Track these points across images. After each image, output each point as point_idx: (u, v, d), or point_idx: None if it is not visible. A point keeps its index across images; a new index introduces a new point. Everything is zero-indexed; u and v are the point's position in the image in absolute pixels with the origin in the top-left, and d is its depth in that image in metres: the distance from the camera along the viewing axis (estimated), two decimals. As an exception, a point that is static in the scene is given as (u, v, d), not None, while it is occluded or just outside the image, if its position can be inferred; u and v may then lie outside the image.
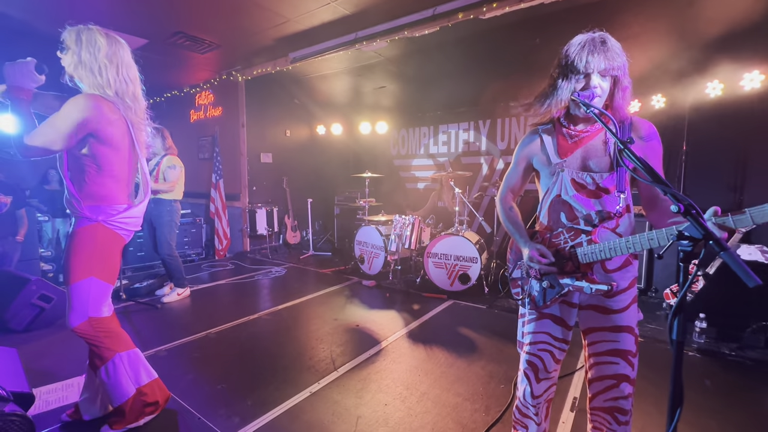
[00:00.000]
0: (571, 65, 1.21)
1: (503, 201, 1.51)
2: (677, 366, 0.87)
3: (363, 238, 4.72)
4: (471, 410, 2.01)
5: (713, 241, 0.79)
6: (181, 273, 3.89)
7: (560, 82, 1.25)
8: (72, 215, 1.69)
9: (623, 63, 1.21)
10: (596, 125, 1.29)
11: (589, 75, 1.21)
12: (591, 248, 1.23)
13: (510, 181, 1.50)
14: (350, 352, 2.68)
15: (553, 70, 1.29)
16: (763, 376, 2.38)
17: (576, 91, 1.23)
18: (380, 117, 6.48)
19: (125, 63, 1.73)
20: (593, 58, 1.18)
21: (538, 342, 1.40)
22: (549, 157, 1.36)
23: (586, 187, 1.29)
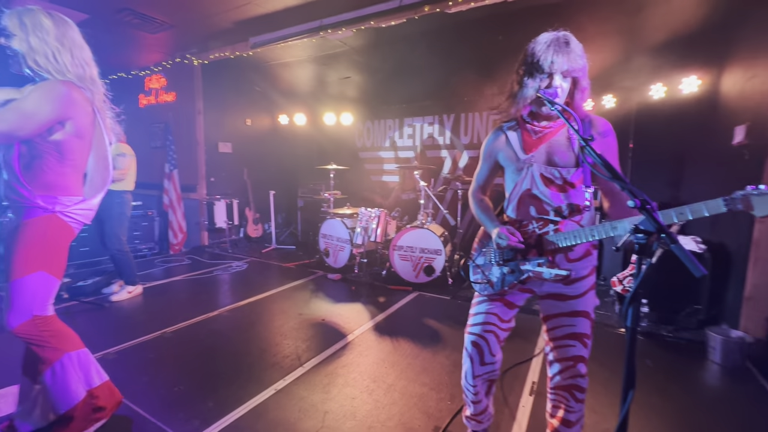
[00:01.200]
0: (537, 64, 1.24)
1: (474, 195, 1.57)
2: (631, 351, 0.92)
3: (328, 231, 4.65)
4: (437, 399, 2.05)
5: (665, 234, 0.85)
6: (132, 269, 3.64)
7: (526, 79, 1.28)
8: (14, 205, 1.54)
9: (584, 65, 1.27)
10: (558, 121, 1.34)
11: (552, 75, 1.25)
12: (557, 235, 1.29)
13: (479, 178, 1.56)
14: (316, 346, 2.64)
15: (519, 67, 1.32)
16: (695, 353, 2.63)
17: (541, 89, 1.26)
18: (345, 108, 6.38)
19: (78, 44, 1.60)
20: (558, 59, 1.22)
21: (485, 323, 1.46)
22: (516, 153, 1.40)
23: (555, 182, 1.34)
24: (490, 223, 1.45)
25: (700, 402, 2.12)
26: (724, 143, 3.05)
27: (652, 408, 2.02)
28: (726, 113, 3.26)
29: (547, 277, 1.31)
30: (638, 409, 1.98)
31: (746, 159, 2.68)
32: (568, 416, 1.48)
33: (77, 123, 1.54)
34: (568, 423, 1.49)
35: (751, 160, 2.61)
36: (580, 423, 1.50)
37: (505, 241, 1.34)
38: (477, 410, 1.57)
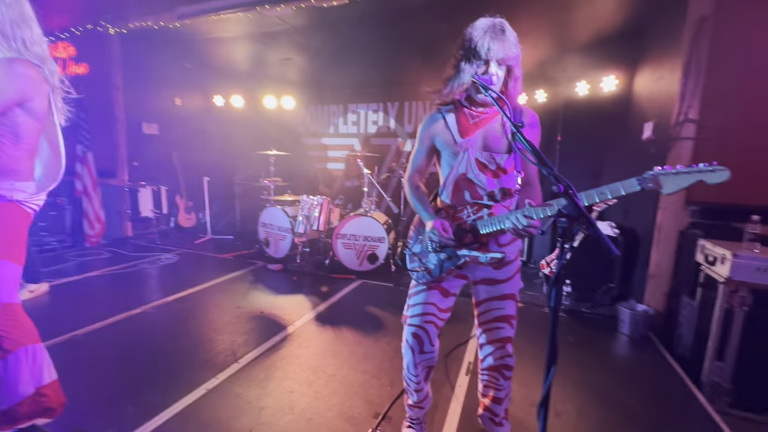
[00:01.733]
0: (474, 50, 1.25)
1: (410, 181, 1.53)
2: (553, 329, 0.97)
3: (268, 219, 4.45)
4: (377, 386, 2.06)
5: (585, 218, 0.89)
6: (35, 265, 3.17)
7: (463, 64, 1.28)
8: None
9: (518, 54, 1.29)
10: (495, 108, 1.36)
11: (488, 62, 1.26)
12: (491, 220, 1.32)
13: (416, 161, 1.51)
14: (254, 341, 2.51)
15: (457, 51, 1.31)
16: (609, 327, 2.93)
17: (477, 74, 1.27)
18: (286, 91, 6.10)
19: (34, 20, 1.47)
20: (494, 46, 1.23)
21: (424, 314, 1.46)
22: (453, 136, 1.40)
23: (489, 167, 1.37)
24: (425, 213, 1.43)
25: (610, 370, 2.37)
26: (635, 138, 3.39)
27: (570, 378, 2.21)
28: (638, 111, 3.62)
29: (483, 261, 1.34)
30: (559, 380, 2.16)
31: (652, 153, 3.00)
32: (498, 394, 1.57)
33: (35, 104, 1.45)
34: (498, 400, 1.58)
35: (656, 155, 2.92)
36: (508, 398, 1.60)
37: (437, 237, 1.34)
38: (420, 397, 1.59)
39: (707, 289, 2.28)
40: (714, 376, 2.12)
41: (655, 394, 2.12)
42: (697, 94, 2.60)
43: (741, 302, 2.03)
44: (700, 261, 2.37)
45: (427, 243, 1.47)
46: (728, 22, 2.51)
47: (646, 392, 2.13)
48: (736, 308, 2.05)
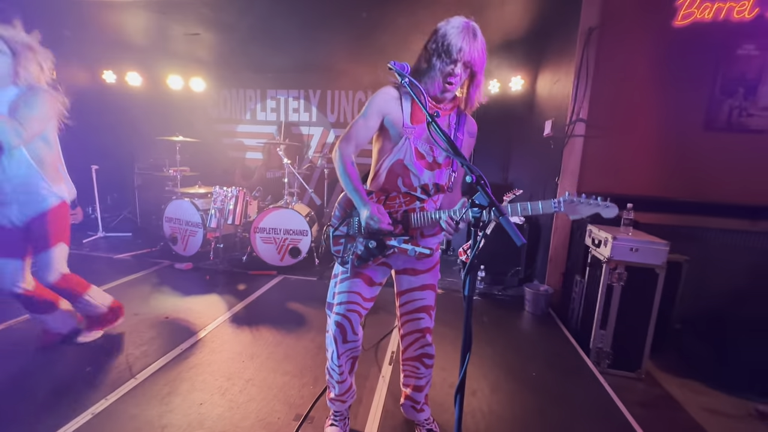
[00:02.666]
0: (446, 48, 1.23)
1: (344, 153, 1.38)
2: (468, 317, 0.99)
3: (174, 213, 3.99)
4: (299, 386, 1.97)
5: (495, 208, 0.92)
6: None
7: (435, 60, 1.26)
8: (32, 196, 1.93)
9: (484, 62, 1.30)
10: (448, 106, 1.38)
11: (457, 62, 1.25)
12: (423, 214, 1.33)
13: (358, 133, 1.38)
14: (155, 351, 2.22)
15: (429, 45, 1.28)
16: (517, 306, 3.22)
17: (445, 72, 1.26)
18: (196, 72, 5.50)
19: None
20: (465, 47, 1.23)
21: (349, 302, 1.43)
22: (404, 119, 1.35)
23: (425, 158, 1.37)
24: (360, 199, 1.33)
25: (518, 346, 2.60)
26: (538, 135, 3.74)
27: (485, 357, 2.37)
28: (540, 110, 3.99)
29: (411, 254, 1.33)
30: (475, 360, 2.31)
31: (552, 148, 3.34)
32: (419, 382, 1.60)
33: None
34: (418, 388, 1.62)
35: (555, 150, 3.25)
36: (428, 385, 1.64)
37: (377, 224, 1.28)
38: (342, 390, 1.55)
39: (594, 268, 2.61)
40: (598, 343, 2.45)
41: (553, 363, 2.37)
42: (587, 97, 2.93)
43: (619, 278, 2.36)
44: (589, 244, 2.70)
45: (354, 227, 1.42)
46: (611, 33, 2.86)
47: (547, 362, 2.38)
48: (615, 284, 2.38)
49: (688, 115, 2.81)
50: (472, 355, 2.34)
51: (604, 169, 2.99)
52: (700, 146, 2.81)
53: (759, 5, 2.59)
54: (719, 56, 2.71)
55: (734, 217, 2.75)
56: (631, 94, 2.89)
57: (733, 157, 2.76)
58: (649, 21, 2.79)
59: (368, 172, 1.50)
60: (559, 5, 3.39)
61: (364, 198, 1.33)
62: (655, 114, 2.87)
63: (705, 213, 2.79)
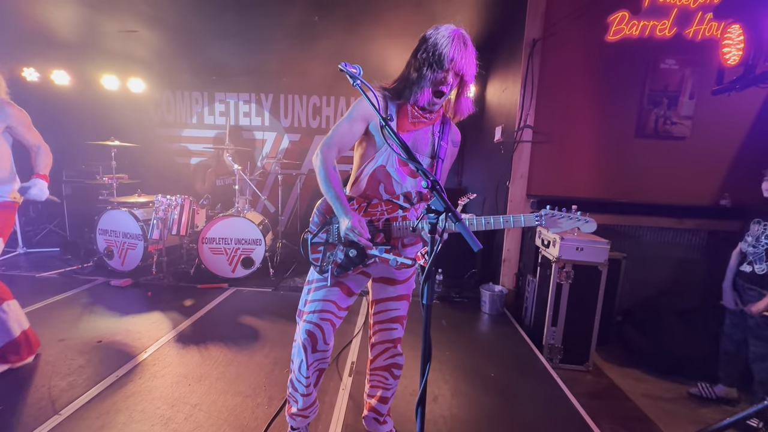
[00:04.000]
0: (438, 57, 1.20)
1: (327, 158, 1.31)
2: (427, 326, 0.97)
3: (110, 225, 3.64)
4: (252, 407, 1.84)
5: (451, 213, 0.90)
6: None
7: (425, 70, 1.22)
8: None
9: (475, 71, 1.29)
10: (434, 115, 1.34)
11: (449, 71, 1.22)
12: (405, 224, 1.31)
13: (342, 138, 1.32)
14: (84, 381, 1.98)
15: (419, 54, 1.24)
16: (474, 308, 3.28)
17: (436, 82, 1.23)
18: (134, 72, 5.10)
19: None
20: (457, 57, 1.20)
21: (323, 311, 1.37)
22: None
23: (408, 165, 1.31)
24: (342, 207, 1.27)
25: (476, 347, 2.64)
26: (489, 140, 3.87)
27: (445, 361, 2.38)
28: (490, 116, 4.15)
29: (392, 265, 1.27)
30: (436, 365, 2.31)
31: (502, 153, 3.47)
32: (386, 393, 1.56)
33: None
34: (384, 399, 1.57)
35: (505, 155, 3.38)
36: (393, 396, 1.60)
37: (356, 238, 1.22)
38: (306, 403, 1.46)
39: (544, 268, 2.73)
40: (550, 339, 2.56)
41: (510, 362, 2.44)
42: (533, 105, 3.08)
43: (567, 276, 2.49)
44: (539, 245, 2.82)
45: (334, 234, 1.37)
46: (552, 45, 3.04)
47: (504, 361, 2.44)
48: (564, 282, 2.50)
49: (622, 123, 3.04)
50: (433, 361, 2.33)
51: (550, 172, 3.15)
52: (632, 152, 3.05)
53: (677, 24, 2.88)
54: (646, 70, 2.97)
55: (664, 216, 3.01)
56: (572, 102, 3.08)
57: (660, 161, 3.03)
58: (585, 35, 3.00)
59: (348, 176, 1.45)
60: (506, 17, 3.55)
61: (346, 207, 1.27)
62: (593, 121, 3.07)
63: (639, 213, 3.03)
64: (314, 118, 5.25)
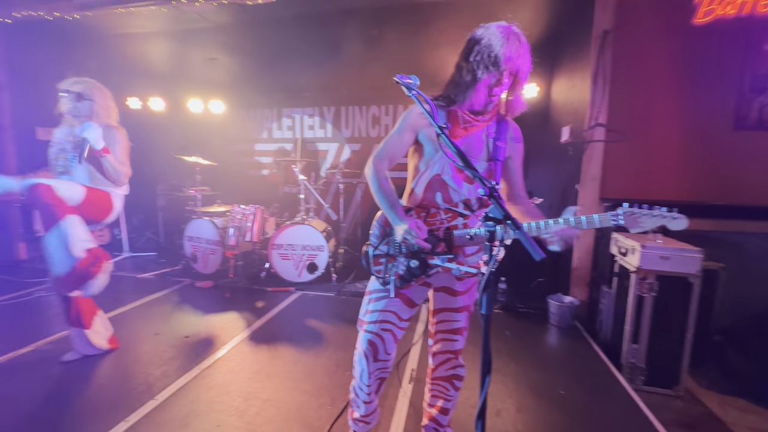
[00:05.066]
0: (494, 59, 1.16)
1: (379, 170, 1.32)
2: (486, 337, 0.94)
3: (195, 233, 4.07)
4: (317, 406, 1.93)
5: (510, 221, 0.87)
6: None
7: (480, 73, 1.20)
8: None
9: (530, 67, 1.25)
10: (486, 116, 1.30)
11: (504, 71, 1.19)
12: (466, 232, 1.27)
13: (392, 149, 1.34)
14: (175, 371, 2.23)
15: (472, 56, 1.20)
16: (541, 319, 3.09)
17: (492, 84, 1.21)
18: (215, 95, 5.69)
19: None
20: (514, 56, 1.17)
21: (383, 321, 1.37)
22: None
23: (464, 171, 1.25)
24: (396, 214, 1.26)
25: (543, 361, 2.48)
26: (556, 141, 3.65)
27: (510, 374, 2.27)
28: (556, 116, 3.91)
29: (456, 274, 1.27)
30: (499, 378, 2.21)
31: (570, 155, 3.24)
32: (446, 405, 1.54)
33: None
34: (445, 411, 1.55)
35: (574, 156, 3.16)
36: (452, 411, 1.57)
37: (414, 239, 1.20)
38: (368, 411, 1.50)
39: (622, 278, 2.49)
40: (631, 358, 2.31)
41: (582, 380, 2.25)
42: (605, 101, 2.85)
43: (649, 288, 2.24)
44: (615, 253, 2.58)
45: (395, 246, 1.35)
46: (627, 36, 2.79)
47: (575, 378, 2.26)
48: (646, 294, 2.25)
49: (716, 115, 2.68)
50: (496, 373, 2.25)
51: (627, 174, 2.88)
52: (730, 146, 2.67)
53: (785, -2, 2.48)
54: (746, 52, 2.59)
55: (773, 220, 2.58)
56: (651, 95, 2.79)
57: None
58: (667, 21, 2.70)
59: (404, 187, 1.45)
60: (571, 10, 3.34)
61: (400, 213, 1.26)
62: (679, 115, 2.75)
63: (739, 216, 2.63)
64: (373, 128, 5.38)
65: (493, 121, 1.33)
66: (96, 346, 2.34)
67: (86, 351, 2.33)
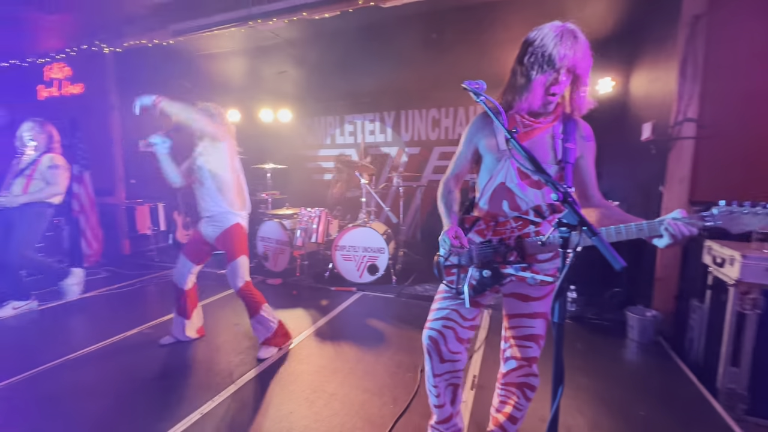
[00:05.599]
0: (547, 57, 1.16)
1: (446, 184, 1.44)
2: (558, 347, 0.91)
3: (266, 233, 4.40)
4: (379, 404, 1.98)
5: (586, 227, 0.84)
6: (21, 283, 3.28)
7: (534, 74, 1.19)
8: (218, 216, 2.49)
9: (590, 63, 1.23)
10: (549, 118, 1.29)
11: (560, 70, 1.17)
12: (538, 239, 1.23)
13: (456, 165, 1.41)
14: (251, 360, 2.45)
15: (526, 58, 1.20)
16: (617, 333, 2.85)
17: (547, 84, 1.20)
18: (283, 104, 6.10)
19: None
20: (569, 53, 1.15)
21: (446, 318, 1.37)
22: (498, 142, 1.31)
23: (530, 177, 1.28)
24: (446, 219, 1.35)
25: (620, 378, 2.28)
26: (634, 140, 3.35)
27: (581, 388, 2.13)
28: (635, 112, 3.59)
29: (531, 283, 1.25)
30: (569, 392, 2.08)
31: (653, 153, 2.95)
32: (515, 413, 1.48)
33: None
34: (513, 419, 1.49)
35: (657, 155, 2.87)
36: (523, 418, 1.51)
37: (448, 244, 1.25)
38: (441, 417, 1.47)
39: (716, 292, 2.21)
40: (729, 383, 2.04)
41: (668, 402, 2.03)
42: (695, 93, 2.56)
43: (753, 305, 1.96)
44: (708, 263, 2.30)
45: (465, 257, 1.36)
46: (722, 20, 2.48)
47: (659, 400, 2.05)
48: (748, 311, 1.97)
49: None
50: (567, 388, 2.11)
51: (723, 174, 2.55)
52: None
53: None
54: None
55: None
56: (752, 86, 2.44)
57: None
58: (775, -2, 2.36)
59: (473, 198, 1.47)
60: (653, -4, 3.06)
61: (449, 218, 1.35)
62: (790, 106, 2.38)
63: None
64: (433, 130, 5.38)
65: (559, 122, 1.29)
66: (186, 334, 2.64)
67: (180, 337, 2.64)
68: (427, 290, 3.77)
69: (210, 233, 2.51)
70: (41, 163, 3.29)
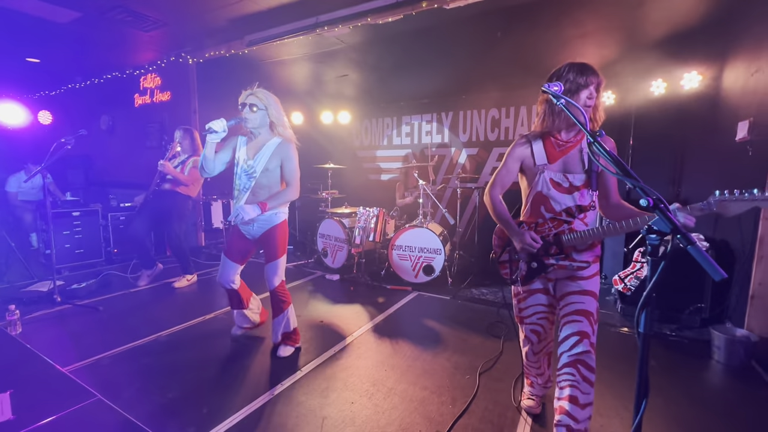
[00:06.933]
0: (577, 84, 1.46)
1: (493, 196, 1.71)
2: (643, 358, 0.88)
3: (326, 231, 4.60)
4: (438, 403, 2.01)
5: (680, 235, 0.80)
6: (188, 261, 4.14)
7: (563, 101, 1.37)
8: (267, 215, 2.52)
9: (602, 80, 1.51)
10: (578, 136, 1.57)
11: (589, 87, 1.47)
12: (573, 235, 1.53)
13: (502, 180, 1.71)
14: (314, 349, 2.59)
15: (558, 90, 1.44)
16: (698, 352, 2.60)
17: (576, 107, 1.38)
18: (342, 107, 6.32)
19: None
20: (591, 76, 1.46)
21: (536, 313, 1.72)
22: (535, 161, 1.62)
23: (562, 185, 1.58)
24: (513, 230, 1.63)
25: (704, 402, 2.08)
26: (726, 139, 3.01)
27: (655, 409, 1.97)
28: (728, 109, 3.22)
29: (570, 269, 1.57)
30: (643, 411, 1.94)
31: (750, 155, 2.64)
32: (575, 392, 1.42)
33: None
34: (574, 400, 1.42)
35: (755, 156, 2.57)
36: (588, 410, 1.43)
37: (533, 249, 1.57)
38: (543, 380, 1.91)
39: (830, 315, 1.93)
40: (844, 420, 1.77)
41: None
42: (807, 87, 2.25)
43: None
44: (819, 281, 2.01)
45: (514, 252, 1.69)
46: None
47: (751, 429, 1.84)
48: None
49: None
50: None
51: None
52: None
53: None
54: None
55: None
56: None
57: None
58: None
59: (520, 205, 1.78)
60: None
61: (515, 229, 1.63)
62: None
63: None
64: (492, 131, 5.25)
65: (585, 140, 1.49)
66: (251, 320, 2.78)
67: (245, 324, 2.79)
68: (483, 294, 3.70)
69: (255, 231, 2.48)
70: (188, 165, 4.00)
